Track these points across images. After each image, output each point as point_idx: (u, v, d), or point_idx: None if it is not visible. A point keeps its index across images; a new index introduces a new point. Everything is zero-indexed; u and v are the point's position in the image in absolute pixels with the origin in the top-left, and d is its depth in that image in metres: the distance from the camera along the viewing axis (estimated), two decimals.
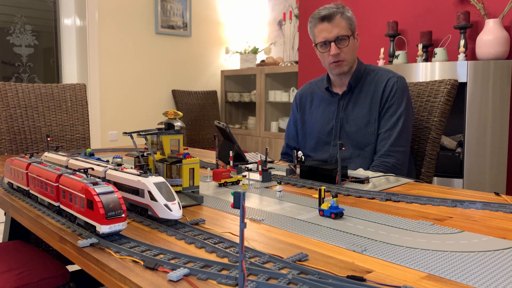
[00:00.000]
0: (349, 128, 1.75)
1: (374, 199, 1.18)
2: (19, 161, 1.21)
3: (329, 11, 1.69)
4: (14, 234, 1.87)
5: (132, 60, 4.35)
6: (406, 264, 0.72)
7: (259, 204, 1.13)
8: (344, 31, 1.69)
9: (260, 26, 4.98)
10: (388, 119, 1.69)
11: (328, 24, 1.69)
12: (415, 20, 3.06)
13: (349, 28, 1.71)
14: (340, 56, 1.70)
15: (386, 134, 1.68)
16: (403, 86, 1.71)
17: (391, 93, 1.69)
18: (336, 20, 1.69)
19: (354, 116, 1.74)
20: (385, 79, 1.73)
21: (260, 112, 4.44)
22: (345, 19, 1.70)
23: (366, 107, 1.73)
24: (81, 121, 2.44)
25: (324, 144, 1.81)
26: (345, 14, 1.70)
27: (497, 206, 1.06)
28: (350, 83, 1.76)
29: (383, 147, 1.67)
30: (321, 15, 1.71)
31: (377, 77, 1.75)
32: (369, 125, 1.71)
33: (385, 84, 1.71)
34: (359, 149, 1.72)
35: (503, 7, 2.61)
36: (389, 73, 1.75)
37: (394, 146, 1.65)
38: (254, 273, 0.68)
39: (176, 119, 1.21)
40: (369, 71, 1.78)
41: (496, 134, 2.58)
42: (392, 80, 1.71)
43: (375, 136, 1.70)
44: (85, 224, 0.88)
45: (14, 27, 3.95)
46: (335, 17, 1.69)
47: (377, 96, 1.72)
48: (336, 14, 1.69)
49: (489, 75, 2.53)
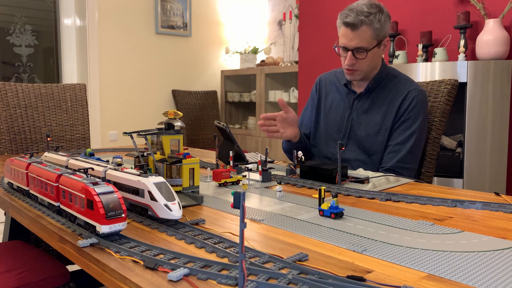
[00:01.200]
0: (359, 131, 1.70)
1: (374, 199, 1.18)
2: (19, 161, 1.21)
3: (355, 20, 1.56)
4: (14, 234, 1.87)
5: (132, 60, 4.35)
6: (406, 264, 0.72)
7: (259, 204, 1.13)
8: (365, 43, 1.59)
9: (260, 26, 4.98)
10: (401, 132, 1.63)
11: (350, 32, 1.58)
12: (415, 20, 3.06)
13: (375, 38, 1.60)
14: (355, 66, 1.63)
15: (395, 148, 1.62)
16: (423, 101, 1.64)
17: (410, 106, 1.62)
18: (360, 31, 1.57)
19: (366, 121, 1.69)
20: (406, 90, 1.65)
21: (260, 112, 4.44)
22: (371, 29, 1.58)
23: (380, 115, 1.67)
24: (81, 121, 2.44)
25: (332, 140, 1.77)
26: (373, 25, 1.57)
27: (497, 206, 1.06)
28: (368, 86, 1.69)
29: (390, 160, 1.62)
30: (346, 21, 1.59)
31: (398, 86, 1.68)
32: (379, 134, 1.66)
33: (405, 96, 1.63)
34: (366, 155, 1.67)
35: (503, 7, 2.61)
36: (411, 85, 1.67)
37: (402, 162, 1.60)
38: (254, 273, 0.68)
39: (176, 119, 1.21)
40: (391, 77, 1.70)
41: (496, 134, 2.58)
42: (413, 93, 1.63)
43: (384, 147, 1.65)
44: (85, 224, 0.88)
45: (14, 27, 3.95)
46: (360, 27, 1.57)
47: (393, 106, 1.65)
48: (362, 24, 1.56)
49: (489, 75, 2.53)
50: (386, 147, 1.66)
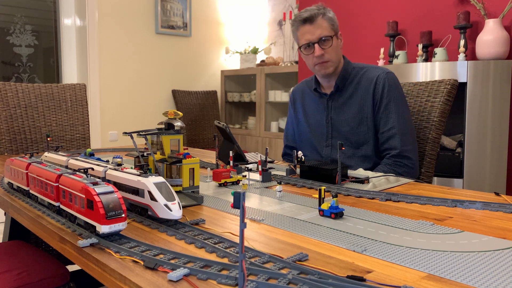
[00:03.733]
0: (341, 128, 1.74)
1: (374, 199, 1.18)
2: (19, 161, 1.21)
3: (311, 13, 1.68)
4: (14, 234, 1.87)
5: (132, 60, 4.35)
6: (406, 264, 0.72)
7: (259, 204, 1.13)
8: (326, 32, 1.68)
9: (260, 26, 4.98)
10: (387, 117, 1.66)
11: (310, 26, 1.68)
12: (415, 20, 3.06)
13: (332, 29, 1.69)
14: (325, 56, 1.69)
15: (391, 132, 1.65)
16: (393, 81, 1.70)
17: (384, 89, 1.67)
18: (318, 22, 1.67)
19: (346, 116, 1.73)
20: (374, 76, 1.70)
21: (260, 112, 4.44)
22: (327, 20, 1.68)
23: (356, 107, 1.71)
24: (81, 121, 2.44)
25: (317, 145, 1.81)
26: (327, 15, 1.69)
27: (497, 206, 1.06)
28: (337, 84, 1.74)
29: (392, 147, 1.64)
30: (303, 17, 1.69)
31: (367, 74, 1.73)
32: (362, 124, 1.70)
33: (376, 81, 1.69)
34: (355, 148, 1.71)
35: (503, 7, 2.61)
36: (377, 70, 1.72)
37: (404, 145, 1.63)
38: (254, 273, 0.68)
39: (176, 119, 1.21)
40: (357, 70, 1.76)
41: (496, 134, 2.58)
42: (382, 76, 1.69)
43: (372, 134, 1.69)
44: (85, 224, 0.88)
45: (14, 27, 3.95)
46: (316, 18, 1.67)
47: (368, 94, 1.70)
48: (318, 16, 1.67)
49: (489, 75, 2.53)
50: (375, 135, 1.69)
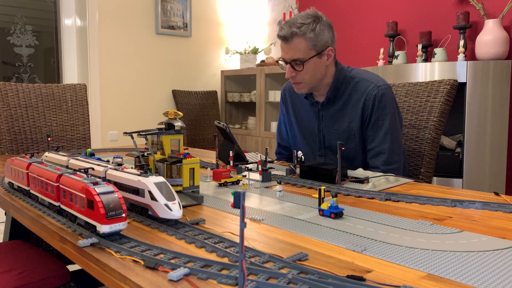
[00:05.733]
0: (332, 141, 1.68)
1: (374, 199, 1.18)
2: (19, 161, 1.22)
3: (287, 32, 1.55)
4: (15, 234, 1.87)
5: (132, 60, 4.35)
6: (406, 264, 0.73)
7: (259, 204, 1.13)
8: (300, 54, 1.55)
9: (260, 26, 4.98)
10: (375, 134, 1.60)
11: (284, 44, 1.58)
12: (415, 20, 3.07)
13: (311, 49, 1.55)
14: (296, 78, 1.60)
15: (376, 151, 1.60)
16: (383, 96, 1.58)
17: (374, 106, 1.58)
18: (293, 42, 1.55)
19: (335, 130, 1.67)
20: (364, 91, 1.60)
21: (260, 112, 4.44)
22: (306, 40, 1.54)
23: (346, 122, 1.64)
24: (81, 121, 2.44)
25: (310, 152, 1.77)
26: (307, 35, 1.54)
27: (497, 206, 1.06)
28: (327, 96, 1.66)
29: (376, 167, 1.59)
30: (279, 35, 1.58)
31: (357, 87, 1.62)
32: (349, 140, 1.64)
33: (365, 97, 1.59)
34: (347, 160, 1.63)
35: (503, 7, 2.62)
36: (369, 83, 1.61)
37: (387, 164, 1.58)
38: (254, 273, 0.68)
39: (176, 119, 1.21)
40: (349, 80, 1.65)
41: (496, 134, 2.58)
42: (372, 92, 1.58)
43: (360, 149, 1.64)
44: (85, 224, 0.88)
45: (15, 27, 3.95)
46: (292, 39, 1.54)
47: (356, 110, 1.61)
48: (294, 36, 1.54)
49: (489, 75, 2.53)
50: (364, 151, 1.65)
